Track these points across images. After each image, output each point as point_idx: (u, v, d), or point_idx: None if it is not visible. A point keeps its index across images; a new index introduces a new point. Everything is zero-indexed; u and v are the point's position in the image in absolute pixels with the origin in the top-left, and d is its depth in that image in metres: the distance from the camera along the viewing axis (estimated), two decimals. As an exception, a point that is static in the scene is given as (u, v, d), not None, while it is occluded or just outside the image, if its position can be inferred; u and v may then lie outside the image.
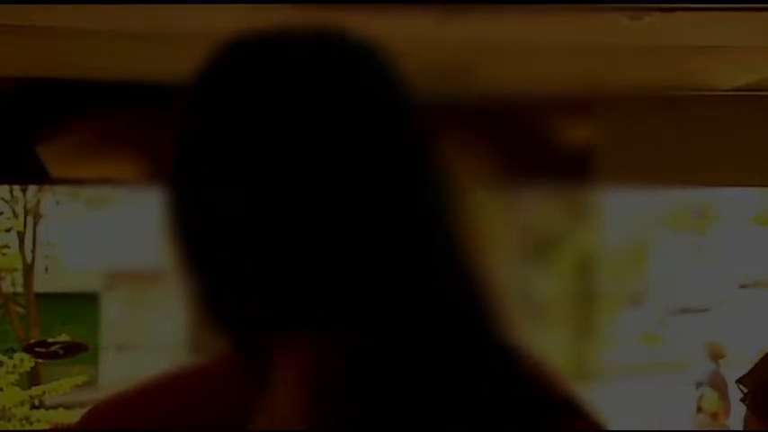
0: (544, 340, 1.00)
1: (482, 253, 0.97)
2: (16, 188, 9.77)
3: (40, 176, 2.92)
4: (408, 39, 1.01)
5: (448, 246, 0.96)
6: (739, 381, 2.40)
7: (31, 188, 9.85)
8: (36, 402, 8.52)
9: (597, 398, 1.01)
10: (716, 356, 9.57)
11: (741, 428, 2.33)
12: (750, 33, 2.31)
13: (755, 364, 2.33)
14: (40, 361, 8.29)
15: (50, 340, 8.04)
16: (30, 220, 10.25)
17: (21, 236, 10.19)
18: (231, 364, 0.96)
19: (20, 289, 10.52)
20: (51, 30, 2.27)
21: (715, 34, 2.33)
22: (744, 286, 14.18)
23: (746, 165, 2.82)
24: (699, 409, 9.36)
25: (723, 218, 13.47)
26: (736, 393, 2.59)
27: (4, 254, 9.95)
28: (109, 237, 10.42)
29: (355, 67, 0.96)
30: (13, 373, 8.25)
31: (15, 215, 10.08)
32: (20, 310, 10.40)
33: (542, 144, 2.69)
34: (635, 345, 14.12)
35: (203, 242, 0.95)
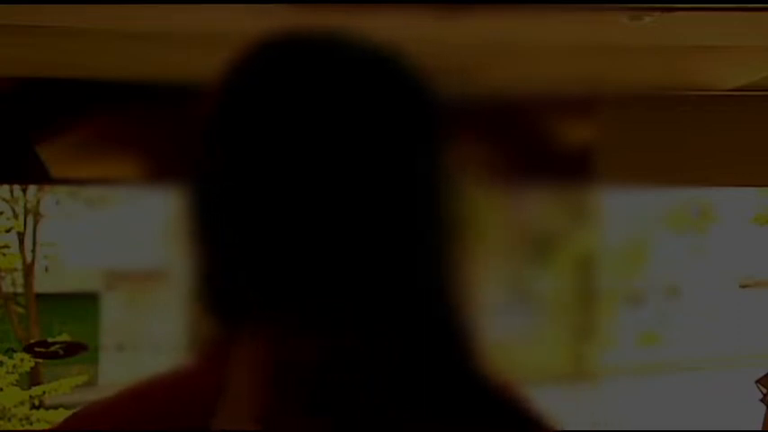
0: (544, 340, 1.00)
1: (478, 257, 0.98)
2: (16, 188, 9.78)
3: (40, 176, 2.92)
4: (408, 39, 1.01)
5: (447, 250, 0.97)
6: (758, 381, 2.41)
7: (31, 188, 9.86)
8: (36, 402, 8.52)
9: (596, 398, 1.01)
10: None
11: (761, 428, 2.34)
12: (750, 33, 2.31)
13: None
14: (40, 361, 8.28)
15: (50, 340, 8.04)
16: (30, 220, 10.25)
17: (21, 236, 10.19)
18: (207, 365, 0.97)
19: (20, 289, 10.52)
20: (51, 30, 2.27)
21: (715, 34, 2.33)
22: (744, 286, 14.18)
23: (746, 165, 2.82)
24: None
25: (723, 218, 13.47)
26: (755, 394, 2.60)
27: (4, 254, 9.95)
28: (109, 237, 10.42)
29: (381, 70, 0.98)
30: (13, 373, 8.25)
31: (15, 215, 10.08)
32: (20, 310, 10.40)
33: (543, 144, 2.69)
34: (635, 345, 14.13)
35: (216, 225, 0.97)
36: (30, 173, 2.84)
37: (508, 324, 1.00)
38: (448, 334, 0.96)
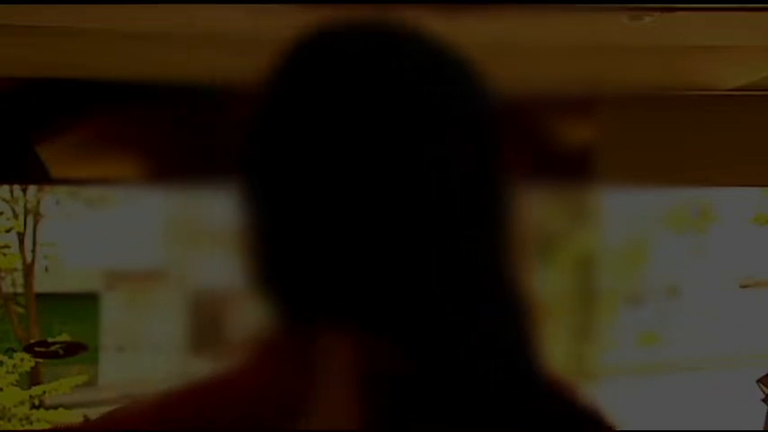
0: (543, 340, 1.00)
1: (516, 258, 0.97)
2: (16, 188, 9.78)
3: (40, 176, 2.92)
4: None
5: (495, 252, 0.96)
6: (760, 381, 2.40)
7: (31, 188, 9.86)
8: (36, 402, 8.52)
9: (597, 398, 1.01)
10: None
11: (762, 428, 2.34)
12: (750, 33, 2.31)
13: None
14: (40, 361, 8.29)
15: (50, 340, 8.04)
16: (30, 220, 10.26)
17: (21, 236, 10.19)
18: (267, 368, 0.95)
19: (20, 289, 10.53)
20: (51, 30, 2.27)
21: (715, 34, 2.33)
22: (744, 286, 14.18)
23: (746, 165, 2.82)
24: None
25: (723, 218, 13.47)
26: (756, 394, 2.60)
27: (4, 254, 9.95)
28: (109, 237, 10.42)
29: (433, 62, 0.96)
30: (13, 373, 8.26)
31: (15, 215, 10.08)
32: (20, 310, 10.41)
33: (542, 144, 2.69)
34: (635, 345, 14.12)
35: (278, 228, 0.95)
36: (30, 173, 2.84)
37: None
38: (509, 336, 0.95)
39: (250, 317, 0.96)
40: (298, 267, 0.93)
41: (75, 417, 8.07)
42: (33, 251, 10.38)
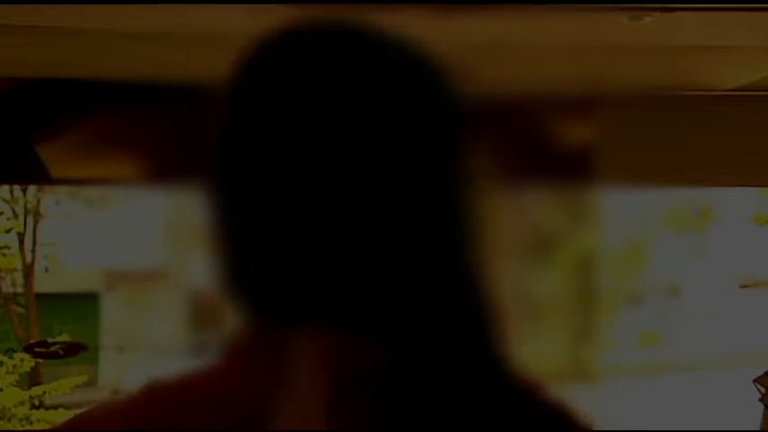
0: (543, 340, 1.00)
1: (492, 258, 0.97)
2: (16, 188, 9.78)
3: (40, 176, 2.92)
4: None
5: (468, 252, 0.96)
6: (756, 380, 2.40)
7: (31, 188, 9.87)
8: (36, 402, 8.53)
9: (596, 398, 1.01)
10: None
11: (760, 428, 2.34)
12: (750, 33, 2.31)
13: None
14: (40, 361, 8.29)
15: (50, 340, 8.05)
16: (30, 220, 10.26)
17: (21, 236, 10.20)
18: (237, 368, 0.95)
19: (20, 289, 10.54)
20: (51, 30, 2.27)
21: (715, 34, 2.33)
22: (744, 286, 14.19)
23: (746, 165, 2.82)
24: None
25: (723, 218, 13.48)
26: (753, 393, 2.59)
27: (4, 254, 9.96)
28: (109, 237, 10.43)
29: (401, 63, 0.97)
30: (13, 373, 8.26)
31: (15, 215, 10.09)
32: (20, 310, 10.41)
33: (542, 144, 2.69)
34: (635, 345, 14.13)
35: (244, 228, 0.95)
36: (30, 173, 2.84)
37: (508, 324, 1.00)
38: (482, 336, 0.96)
39: (245, 316, 0.96)
40: (275, 266, 0.94)
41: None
42: (33, 251, 10.39)
